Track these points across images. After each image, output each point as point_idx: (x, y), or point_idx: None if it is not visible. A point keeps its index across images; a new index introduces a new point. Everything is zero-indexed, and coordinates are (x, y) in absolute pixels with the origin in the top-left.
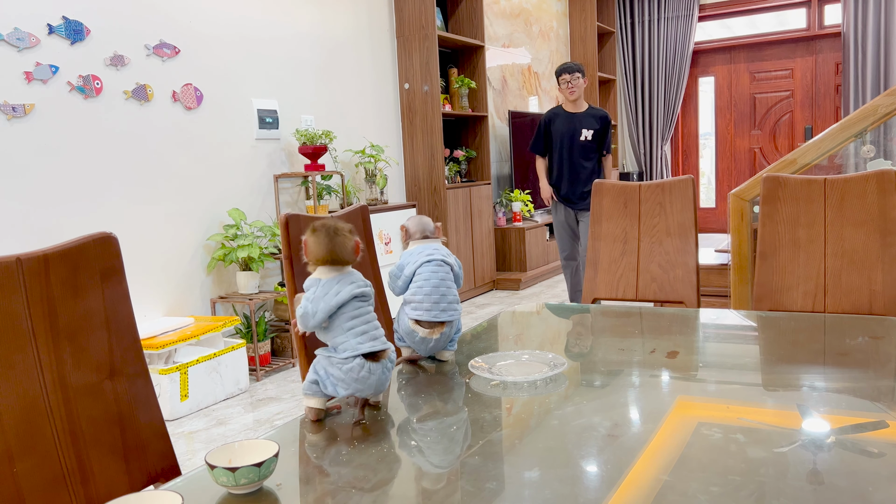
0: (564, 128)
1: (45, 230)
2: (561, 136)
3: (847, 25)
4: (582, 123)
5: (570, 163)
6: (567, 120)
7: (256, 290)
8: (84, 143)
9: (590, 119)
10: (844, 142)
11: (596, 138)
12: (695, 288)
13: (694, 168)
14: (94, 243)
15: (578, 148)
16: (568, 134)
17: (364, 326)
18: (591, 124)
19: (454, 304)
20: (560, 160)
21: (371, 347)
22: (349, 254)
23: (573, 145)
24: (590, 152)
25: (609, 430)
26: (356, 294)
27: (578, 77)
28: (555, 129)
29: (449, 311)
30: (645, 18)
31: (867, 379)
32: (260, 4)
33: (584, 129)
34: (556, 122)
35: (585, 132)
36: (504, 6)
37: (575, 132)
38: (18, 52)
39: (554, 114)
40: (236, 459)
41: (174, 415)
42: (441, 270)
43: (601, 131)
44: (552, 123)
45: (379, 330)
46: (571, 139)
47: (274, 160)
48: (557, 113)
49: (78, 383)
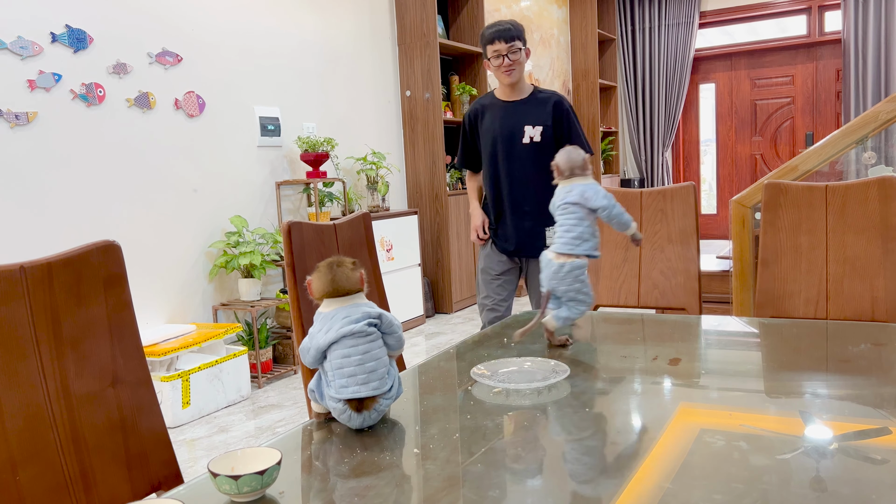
0: (497, 126)
1: (48, 237)
2: (493, 138)
3: (847, 32)
4: (524, 117)
5: (510, 181)
6: (501, 114)
7: (258, 297)
8: (87, 151)
9: (536, 109)
10: (845, 148)
11: (549, 138)
12: (696, 295)
13: (695, 174)
14: (98, 251)
15: (521, 156)
16: (503, 135)
17: (352, 368)
18: (538, 117)
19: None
20: (493, 177)
21: (354, 393)
22: (352, 283)
23: (512, 152)
24: (540, 162)
25: (611, 437)
26: (345, 333)
27: (518, 47)
28: (484, 129)
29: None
30: (646, 25)
31: (870, 386)
32: (262, 12)
33: (527, 125)
34: (486, 117)
35: (530, 130)
36: (505, 13)
37: (514, 132)
38: (21, 61)
39: (481, 106)
40: (239, 467)
41: (176, 422)
42: (363, 342)
43: (557, 126)
44: (479, 120)
45: (373, 373)
46: (509, 143)
47: (276, 167)
48: (486, 104)
49: (81, 391)
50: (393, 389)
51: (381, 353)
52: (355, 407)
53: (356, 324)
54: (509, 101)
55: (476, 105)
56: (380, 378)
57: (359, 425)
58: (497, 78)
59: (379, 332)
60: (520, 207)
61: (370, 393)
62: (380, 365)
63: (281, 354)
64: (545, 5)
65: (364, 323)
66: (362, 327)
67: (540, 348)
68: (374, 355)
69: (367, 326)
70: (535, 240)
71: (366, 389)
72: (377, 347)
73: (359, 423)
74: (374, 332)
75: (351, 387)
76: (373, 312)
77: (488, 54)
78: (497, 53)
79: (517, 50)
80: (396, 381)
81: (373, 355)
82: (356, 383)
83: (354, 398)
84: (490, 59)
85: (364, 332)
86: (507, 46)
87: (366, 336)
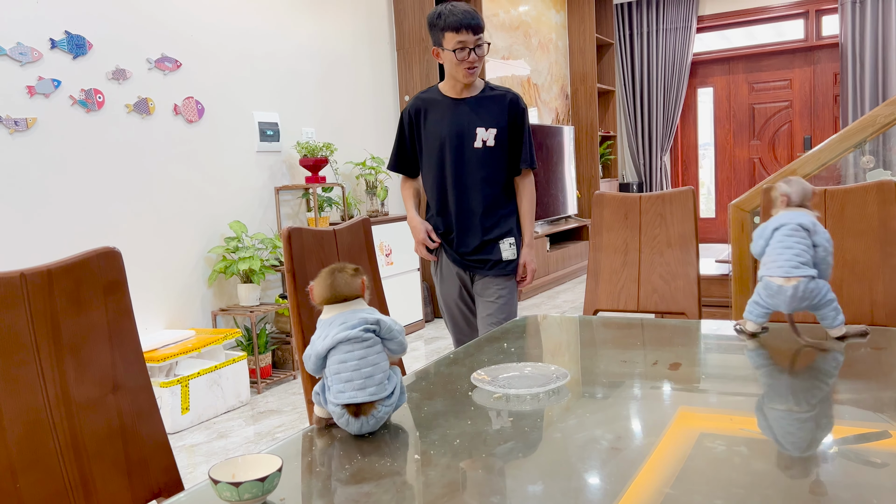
0: (444, 127)
1: (48, 243)
2: (439, 141)
3: (845, 36)
4: (475, 117)
5: (459, 189)
6: (449, 113)
7: (257, 302)
8: (86, 157)
9: (489, 108)
10: (844, 152)
11: (503, 142)
12: (696, 299)
13: (693, 178)
14: (98, 258)
15: (471, 161)
16: (451, 137)
17: (349, 374)
18: (491, 118)
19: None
20: (439, 185)
21: (351, 398)
22: (351, 289)
23: (461, 157)
24: (493, 169)
25: (612, 442)
26: (341, 339)
27: (485, 41)
28: (428, 129)
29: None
30: (644, 30)
31: (869, 390)
32: (261, 18)
33: (479, 126)
34: (431, 116)
35: (482, 132)
36: (503, 18)
37: (464, 134)
38: (21, 67)
39: (424, 102)
40: (239, 474)
41: (175, 428)
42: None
43: (511, 128)
44: (422, 119)
45: (370, 378)
46: (458, 147)
47: (275, 172)
48: (431, 101)
49: (81, 398)
50: (393, 396)
51: (379, 358)
52: (353, 412)
53: (352, 329)
54: (458, 99)
55: (417, 101)
56: (377, 384)
57: (357, 431)
58: (453, 74)
59: (378, 337)
60: (470, 220)
61: (367, 398)
62: (377, 371)
63: (280, 360)
64: (543, 10)
65: (360, 329)
66: (357, 333)
67: (540, 353)
68: (371, 361)
69: (363, 332)
70: (487, 254)
71: (362, 395)
72: (375, 353)
73: (357, 428)
74: (371, 338)
75: (348, 392)
76: (370, 318)
77: (448, 44)
78: (463, 45)
79: (483, 44)
80: (398, 388)
81: (369, 361)
82: (353, 388)
83: (352, 403)
84: (449, 51)
85: (360, 338)
86: (475, 39)
87: (362, 342)
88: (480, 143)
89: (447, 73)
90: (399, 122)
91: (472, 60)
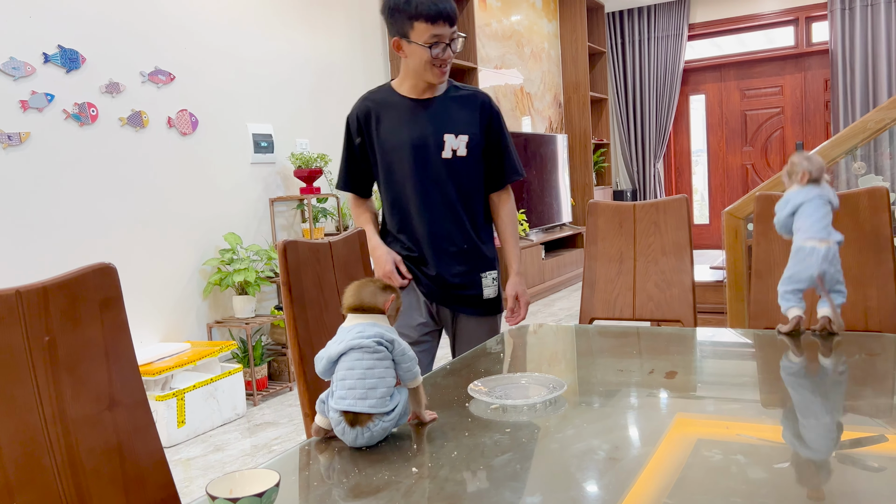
0: (405, 134)
1: (42, 257)
2: (399, 151)
3: (834, 42)
4: (442, 122)
5: (428, 210)
6: (408, 117)
7: (253, 313)
8: (80, 171)
9: (458, 112)
10: (835, 158)
11: (476, 152)
12: (691, 306)
13: (687, 185)
14: (93, 274)
15: (440, 176)
16: (414, 147)
17: (353, 381)
18: (462, 123)
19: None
20: (401, 205)
21: (349, 406)
22: (375, 300)
23: (427, 170)
24: (468, 183)
25: (609, 452)
26: (353, 346)
27: (460, 38)
28: (382, 137)
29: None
30: (635, 38)
31: (865, 396)
32: (254, 30)
33: (447, 133)
34: (386, 121)
35: (452, 140)
36: (496, 28)
37: (428, 142)
38: (14, 81)
39: (375, 104)
40: (237, 490)
41: (171, 441)
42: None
43: (486, 135)
44: (374, 125)
45: (373, 391)
46: (423, 158)
47: (269, 184)
48: (383, 102)
49: (77, 415)
50: (394, 413)
51: (386, 373)
52: (350, 421)
53: (366, 339)
54: (420, 100)
55: (367, 103)
56: (379, 397)
57: (352, 442)
58: (421, 73)
59: (389, 353)
60: (443, 248)
61: (365, 409)
62: (382, 384)
63: (276, 371)
64: (535, 20)
65: (373, 340)
66: (370, 343)
67: (536, 363)
68: (378, 374)
69: (376, 344)
70: (466, 290)
71: (361, 405)
72: (383, 367)
73: (351, 439)
74: (382, 351)
75: (348, 399)
76: (386, 335)
77: (419, 36)
78: (438, 39)
79: (458, 38)
80: (401, 407)
81: (376, 373)
82: (354, 397)
83: (350, 411)
84: (420, 45)
85: (371, 348)
86: (451, 32)
87: (373, 352)
88: (450, 153)
89: (411, 70)
90: (345, 131)
91: (445, 59)
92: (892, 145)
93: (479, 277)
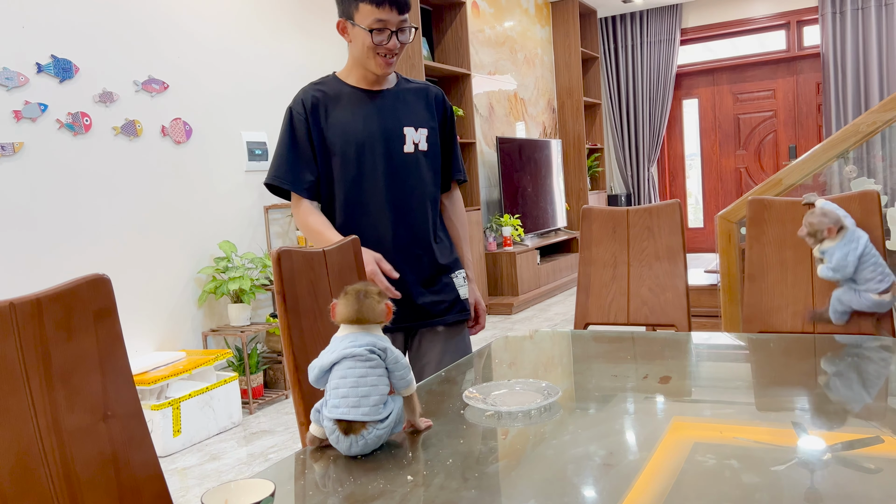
0: (361, 125)
1: (36, 267)
2: (355, 145)
3: (826, 46)
4: (401, 115)
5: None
6: (364, 109)
7: (248, 321)
8: (74, 180)
9: (414, 104)
10: (827, 162)
11: (434, 147)
12: (685, 311)
13: (681, 188)
14: (87, 285)
15: (402, 172)
16: (373, 140)
17: (346, 390)
18: (420, 116)
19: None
20: (361, 206)
21: (343, 415)
22: (375, 314)
23: (391, 166)
24: (430, 180)
25: (604, 458)
26: (346, 355)
27: (410, 27)
28: (333, 130)
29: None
30: (628, 43)
31: (859, 400)
32: (247, 38)
33: (406, 126)
34: (336, 113)
35: (412, 133)
36: (489, 34)
37: (390, 136)
38: (7, 92)
39: (323, 94)
40: (232, 500)
41: (167, 451)
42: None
43: (443, 130)
44: (322, 117)
45: (366, 398)
46: (386, 152)
47: (264, 192)
48: (332, 93)
49: (72, 426)
50: (387, 421)
51: (379, 381)
52: (343, 429)
53: (358, 347)
54: (371, 91)
55: (313, 92)
56: (372, 405)
57: (346, 450)
58: (363, 61)
59: (382, 361)
60: (411, 251)
61: (359, 417)
62: (374, 392)
63: (272, 379)
64: (528, 25)
65: (365, 348)
66: (362, 351)
67: (531, 369)
68: (370, 381)
69: (368, 352)
70: (441, 293)
71: (354, 413)
72: (375, 375)
73: (346, 447)
74: (374, 359)
75: (341, 408)
76: (379, 344)
77: (363, 19)
78: (383, 26)
79: (409, 28)
80: (394, 415)
81: (369, 381)
82: (346, 405)
83: (343, 419)
84: (363, 29)
85: (363, 357)
86: (399, 20)
87: (365, 360)
88: (412, 147)
89: (355, 57)
90: (286, 122)
91: (390, 47)
92: (885, 148)
93: (451, 279)
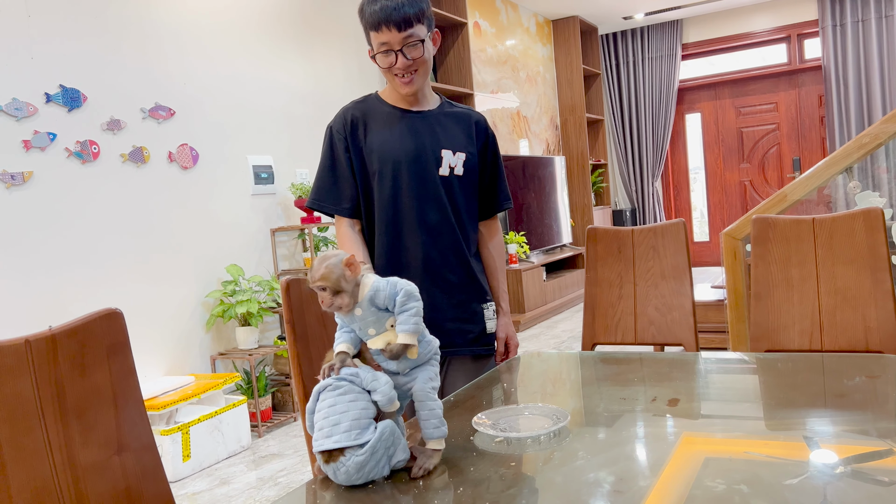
0: (398, 144)
1: (46, 294)
2: (391, 163)
3: (827, 59)
4: (439, 137)
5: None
6: (401, 127)
7: (256, 344)
8: (83, 207)
9: (454, 127)
10: (830, 178)
11: (473, 173)
12: (692, 330)
13: (686, 203)
14: (100, 320)
15: (437, 194)
16: (409, 159)
17: (321, 422)
18: (459, 140)
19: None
20: (393, 225)
21: (318, 446)
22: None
23: (425, 188)
24: (465, 206)
25: (614, 485)
26: (319, 388)
27: (419, 37)
28: (371, 148)
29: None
30: (630, 59)
31: (867, 421)
32: (253, 63)
33: (444, 148)
34: (375, 131)
35: (450, 157)
36: (491, 54)
37: (425, 156)
38: (17, 122)
39: (362, 113)
40: None
41: (176, 476)
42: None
43: (483, 156)
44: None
45: (337, 426)
46: (420, 173)
47: (270, 214)
48: (371, 111)
49: (86, 461)
50: (367, 445)
51: (350, 406)
52: (325, 459)
53: (328, 379)
54: (412, 111)
55: (353, 111)
56: (343, 431)
57: (333, 478)
58: (391, 83)
59: (354, 385)
60: (441, 275)
61: (331, 446)
62: (344, 418)
63: (280, 402)
64: (530, 44)
65: (333, 378)
66: (329, 381)
67: (539, 392)
68: (339, 409)
69: (336, 381)
70: (468, 323)
71: (328, 443)
72: (345, 401)
73: (332, 475)
74: (343, 386)
75: (318, 440)
76: (349, 369)
77: (374, 46)
78: (387, 48)
79: (417, 42)
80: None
81: (338, 409)
82: (321, 436)
83: (321, 451)
84: (379, 53)
85: (332, 386)
86: (401, 38)
87: (333, 389)
88: (447, 170)
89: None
90: (326, 142)
91: (401, 67)
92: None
93: (480, 309)
